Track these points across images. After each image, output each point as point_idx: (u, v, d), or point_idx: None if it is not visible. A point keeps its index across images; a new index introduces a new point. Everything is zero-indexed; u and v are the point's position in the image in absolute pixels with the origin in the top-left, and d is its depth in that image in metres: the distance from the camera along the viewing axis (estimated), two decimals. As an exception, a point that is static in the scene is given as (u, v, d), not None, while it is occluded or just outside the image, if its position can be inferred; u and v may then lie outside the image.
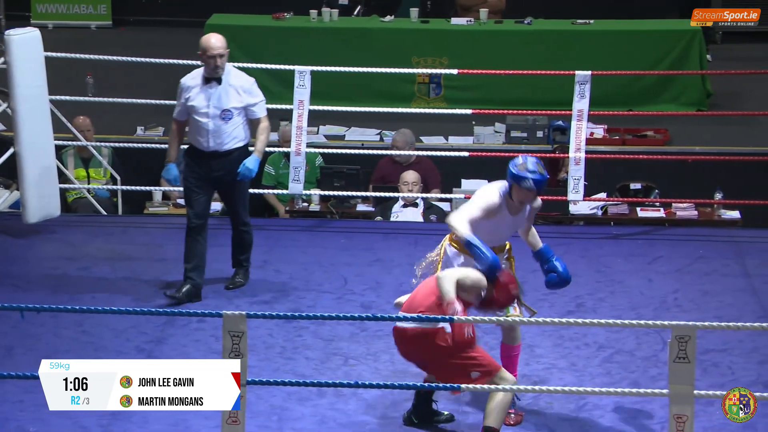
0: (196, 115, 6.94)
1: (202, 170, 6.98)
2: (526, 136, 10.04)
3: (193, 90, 6.97)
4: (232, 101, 6.94)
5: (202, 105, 6.93)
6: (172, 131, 7.12)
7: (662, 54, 10.76)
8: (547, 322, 5.50)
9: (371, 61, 9.85)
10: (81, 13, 13.32)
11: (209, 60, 6.90)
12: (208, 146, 6.94)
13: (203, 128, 6.93)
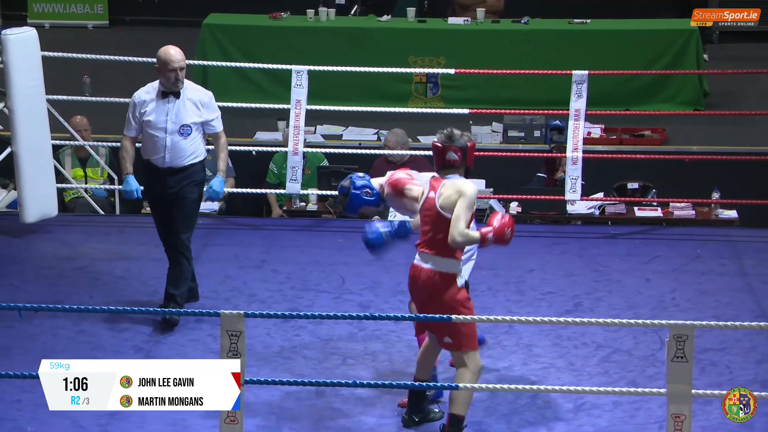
0: (153, 131, 6.66)
1: (156, 188, 6.72)
2: (523, 136, 10.04)
3: (148, 105, 6.68)
4: (191, 116, 6.67)
5: (159, 120, 6.65)
6: (123, 148, 6.75)
7: (659, 53, 10.76)
8: (545, 321, 5.50)
9: (368, 60, 9.85)
10: (78, 13, 13.31)
11: (169, 73, 6.61)
12: (164, 163, 6.66)
13: (159, 144, 6.66)
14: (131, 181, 6.76)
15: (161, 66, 6.64)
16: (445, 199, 5.54)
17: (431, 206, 5.57)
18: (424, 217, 5.61)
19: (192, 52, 10.74)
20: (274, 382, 5.44)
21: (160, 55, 6.66)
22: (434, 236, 5.55)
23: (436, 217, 5.55)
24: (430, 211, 5.57)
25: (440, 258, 5.56)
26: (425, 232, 5.59)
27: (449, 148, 5.64)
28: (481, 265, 7.68)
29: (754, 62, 11.61)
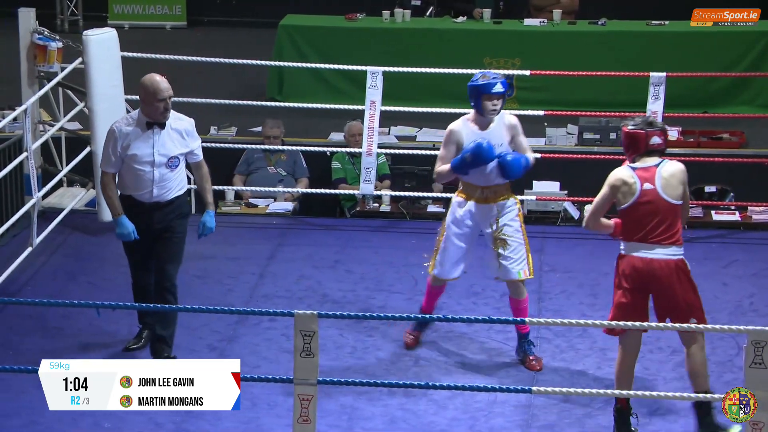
0: (138, 165, 6.21)
1: (141, 224, 6.26)
2: (598, 138, 9.96)
3: (131, 137, 6.21)
4: (178, 147, 6.26)
5: (146, 153, 6.21)
6: (106, 186, 6.27)
7: (739, 55, 10.61)
8: (619, 325, 5.44)
9: (443, 61, 9.83)
10: (156, 14, 13.47)
11: (158, 104, 6.17)
12: (151, 197, 6.24)
13: (146, 178, 6.22)
14: (126, 223, 6.24)
15: (149, 96, 6.19)
16: (668, 185, 5.63)
17: (654, 197, 5.62)
18: (647, 209, 5.62)
19: (268, 53, 10.82)
20: (346, 382, 5.46)
21: (148, 85, 6.20)
22: (669, 226, 5.61)
23: (665, 206, 5.62)
24: (656, 202, 5.62)
25: (678, 247, 5.65)
26: (654, 224, 5.61)
27: (653, 133, 5.69)
28: (555, 268, 7.66)
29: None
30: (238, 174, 9.44)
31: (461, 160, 6.17)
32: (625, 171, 5.71)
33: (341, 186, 9.24)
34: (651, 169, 5.65)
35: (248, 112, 10.05)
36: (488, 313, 6.93)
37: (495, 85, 6.18)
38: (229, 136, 10.09)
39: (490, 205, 6.29)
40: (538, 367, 6.33)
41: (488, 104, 6.19)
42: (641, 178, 5.65)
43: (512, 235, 6.26)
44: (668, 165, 5.69)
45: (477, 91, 6.22)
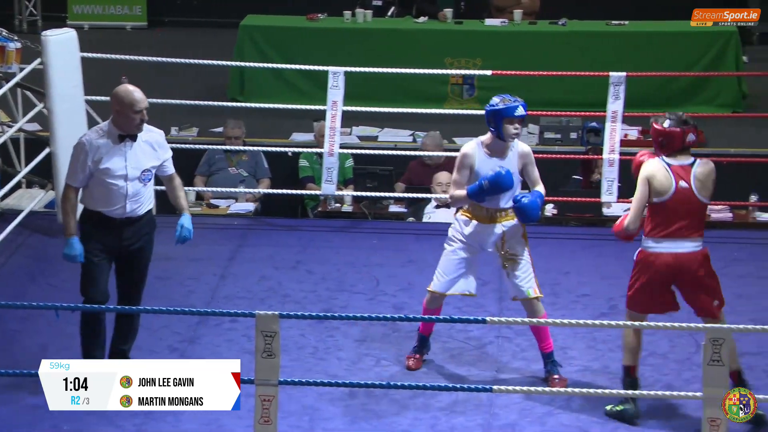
0: (111, 179, 5.94)
1: (109, 240, 6.00)
2: (559, 138, 10.01)
3: (103, 150, 5.93)
4: (150, 159, 6.03)
5: (119, 167, 5.94)
6: (68, 200, 5.97)
7: (698, 55, 10.69)
8: (580, 324, 5.49)
9: (405, 61, 9.85)
10: (116, 14, 13.40)
11: (135, 115, 5.93)
12: (123, 213, 5.98)
13: (119, 193, 5.95)
14: (76, 245, 5.94)
15: (124, 108, 5.93)
16: (703, 186, 5.75)
17: (689, 195, 5.72)
18: (679, 206, 5.72)
19: (230, 53, 10.79)
20: (308, 382, 5.45)
21: (123, 96, 5.94)
22: (695, 222, 5.74)
23: (697, 205, 5.75)
24: (690, 200, 5.72)
25: (701, 237, 5.79)
26: (681, 221, 5.72)
27: (689, 131, 5.75)
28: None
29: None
30: (199, 175, 9.41)
31: (479, 188, 6.03)
32: (658, 165, 5.77)
33: (308, 185, 9.22)
34: (687, 168, 5.75)
35: (209, 112, 10.02)
36: (450, 313, 6.94)
37: (517, 108, 6.06)
38: (189, 137, 10.06)
39: (495, 225, 6.17)
40: (560, 386, 6.16)
41: (510, 128, 6.06)
42: (676, 175, 5.74)
43: (520, 253, 6.17)
44: (701, 165, 5.79)
45: (498, 115, 6.06)
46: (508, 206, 6.16)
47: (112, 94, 6.00)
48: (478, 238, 6.20)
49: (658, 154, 5.82)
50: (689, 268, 5.78)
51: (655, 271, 5.79)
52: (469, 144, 6.20)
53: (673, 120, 5.76)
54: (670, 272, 5.79)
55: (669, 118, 5.79)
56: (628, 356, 5.90)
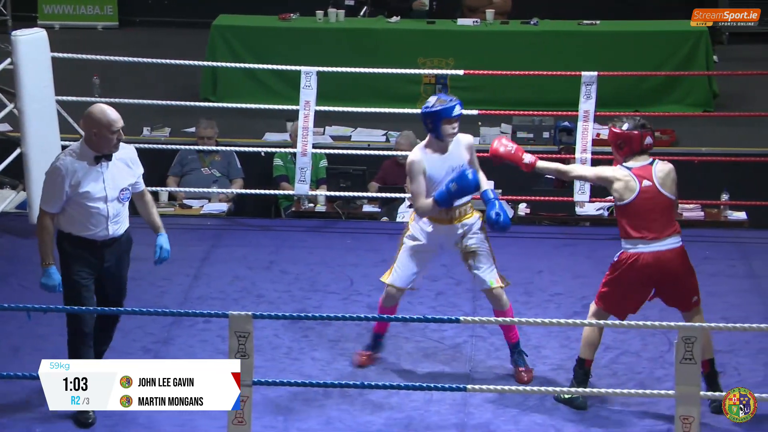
0: (91, 202, 5.76)
1: (91, 262, 5.85)
2: (532, 137, 10.04)
3: (80, 173, 5.74)
4: (127, 178, 5.87)
5: (98, 189, 5.77)
6: (44, 228, 5.76)
7: (668, 55, 10.75)
8: (553, 323, 5.50)
9: (377, 61, 9.85)
10: (87, 14, 13.34)
11: (112, 135, 5.73)
12: (106, 234, 5.83)
13: (100, 215, 5.79)
14: (54, 275, 5.79)
15: (102, 128, 5.73)
16: (664, 183, 5.82)
17: (654, 193, 5.80)
18: (646, 206, 5.80)
19: (201, 53, 10.76)
20: (282, 383, 5.45)
21: (100, 117, 5.74)
22: (667, 219, 5.83)
23: (663, 202, 5.82)
24: (655, 199, 5.80)
25: (678, 234, 5.86)
26: (654, 219, 5.80)
27: (647, 134, 5.86)
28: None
29: (764, 63, 11.58)
30: (171, 175, 9.38)
31: (447, 192, 6.06)
32: (620, 170, 5.88)
33: (282, 185, 9.22)
34: (647, 168, 5.85)
35: (182, 112, 10.00)
36: (423, 312, 6.95)
37: (454, 108, 6.10)
38: (162, 137, 10.02)
39: (455, 225, 6.22)
40: (526, 378, 6.25)
41: (448, 128, 6.12)
42: (639, 177, 5.83)
43: (479, 245, 6.22)
44: (660, 164, 5.90)
45: (436, 116, 6.10)
46: (463, 204, 6.20)
47: (85, 115, 5.80)
48: (438, 240, 6.24)
49: (616, 159, 5.93)
50: (670, 266, 5.83)
51: (637, 272, 5.84)
52: (413, 152, 6.21)
53: (632, 123, 5.86)
54: (652, 273, 5.83)
55: (627, 121, 5.89)
56: (587, 350, 5.99)
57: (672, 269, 5.84)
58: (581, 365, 6.00)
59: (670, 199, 5.87)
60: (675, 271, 5.85)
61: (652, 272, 5.83)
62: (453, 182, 6.05)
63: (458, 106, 6.13)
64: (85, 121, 5.79)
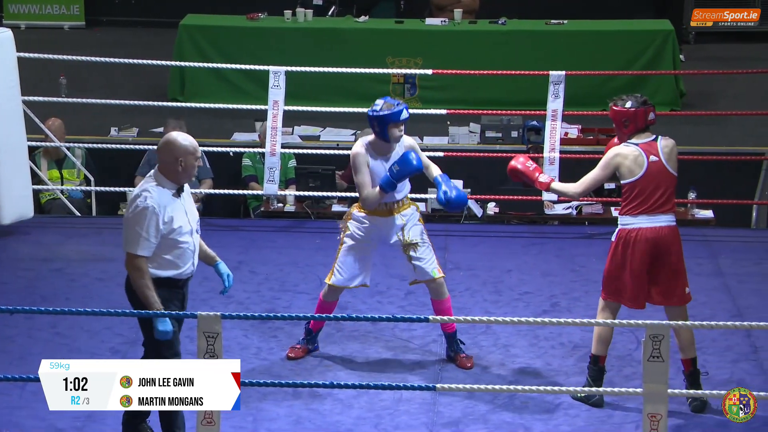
0: (181, 237, 5.38)
1: (176, 305, 5.47)
2: (500, 136, 10.06)
3: (169, 209, 5.34)
4: (194, 206, 5.56)
5: (184, 222, 5.39)
6: (144, 273, 5.30)
7: (636, 54, 10.80)
8: (522, 321, 5.51)
9: (346, 61, 9.85)
10: (54, 14, 13.26)
11: (196, 162, 5.36)
12: (192, 271, 5.48)
13: (189, 251, 5.43)
14: (170, 321, 5.34)
15: (188, 155, 5.32)
16: (670, 158, 5.90)
17: (661, 168, 5.86)
18: (653, 180, 5.85)
19: (169, 53, 10.72)
20: (251, 383, 5.42)
21: (185, 144, 5.33)
22: (669, 195, 5.88)
23: (668, 177, 5.88)
24: (661, 173, 5.86)
25: (673, 214, 5.93)
26: (657, 195, 5.86)
27: (650, 110, 5.94)
28: (459, 265, 7.72)
29: (730, 62, 11.66)
30: (139, 176, 9.33)
31: (390, 175, 6.12)
32: (628, 148, 5.93)
33: (251, 185, 9.20)
34: (652, 144, 5.94)
35: (149, 112, 9.96)
36: (393, 312, 6.96)
37: (401, 112, 6.16)
38: (130, 137, 9.98)
39: (393, 217, 6.29)
40: (469, 364, 6.36)
41: (395, 131, 6.19)
42: (646, 152, 5.90)
43: (419, 236, 6.30)
44: (664, 139, 5.98)
45: (384, 120, 6.16)
46: (402, 197, 6.28)
47: (165, 146, 5.34)
48: (379, 233, 6.31)
49: (620, 137, 5.98)
50: (667, 243, 5.89)
51: (636, 248, 5.88)
52: (357, 144, 6.29)
53: (634, 101, 5.95)
54: (651, 248, 5.89)
55: (629, 98, 5.98)
56: (599, 346, 6.03)
57: (668, 246, 5.90)
58: (595, 362, 6.03)
59: (674, 175, 5.95)
60: (671, 249, 5.91)
61: (650, 248, 5.89)
62: (395, 164, 6.14)
63: (405, 110, 6.20)
64: (167, 150, 5.34)
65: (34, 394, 5.97)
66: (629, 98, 5.97)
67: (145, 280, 5.29)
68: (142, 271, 5.29)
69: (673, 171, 5.94)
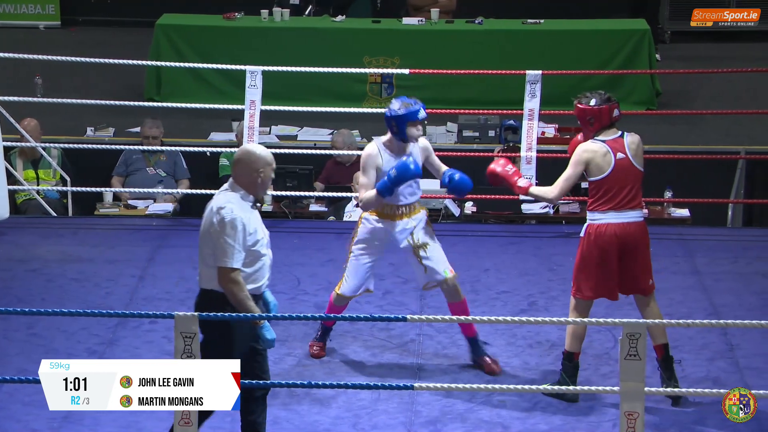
0: (262, 249, 5.26)
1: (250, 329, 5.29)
2: (477, 136, 10.08)
3: (250, 222, 5.21)
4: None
5: (263, 235, 5.29)
6: (240, 284, 5.17)
7: (612, 53, 10.84)
8: (499, 320, 5.52)
9: (323, 60, 9.84)
10: (29, 13, 13.19)
11: (273, 173, 5.30)
12: (266, 286, 5.38)
13: (267, 265, 5.32)
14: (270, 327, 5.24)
15: (267, 167, 5.23)
16: (636, 154, 5.95)
17: (627, 165, 5.91)
18: (620, 177, 5.89)
19: (145, 53, 10.69)
20: (229, 383, 5.41)
21: (264, 156, 5.22)
22: (637, 191, 5.93)
23: (635, 173, 5.91)
24: (628, 170, 5.91)
25: (642, 209, 5.99)
26: (625, 191, 5.90)
27: (614, 106, 6.02)
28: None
29: (706, 62, 11.71)
30: (116, 176, 9.31)
31: (387, 180, 6.10)
32: (595, 144, 5.98)
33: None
34: (618, 140, 6.00)
35: (126, 112, 9.92)
36: (371, 311, 6.96)
37: (419, 111, 6.17)
38: (106, 137, 9.94)
39: (405, 221, 6.28)
40: (497, 369, 6.29)
41: (414, 130, 6.19)
42: (613, 149, 5.95)
43: (429, 237, 6.29)
44: (630, 136, 6.05)
45: (402, 119, 6.15)
46: (413, 201, 6.27)
47: (243, 159, 5.22)
48: (389, 237, 6.29)
49: (586, 134, 6.00)
50: (635, 239, 5.93)
51: (604, 242, 5.93)
52: (370, 145, 6.28)
53: (599, 98, 6.02)
54: (618, 243, 5.93)
55: (593, 96, 6.05)
56: (573, 343, 6.06)
57: (635, 242, 5.94)
58: (570, 359, 6.06)
59: (641, 171, 6.00)
60: (638, 244, 5.95)
61: (618, 243, 5.93)
62: (393, 169, 6.12)
63: (422, 109, 6.20)
64: (248, 162, 5.21)
65: (10, 395, 5.95)
66: (593, 96, 6.04)
67: (245, 292, 5.14)
68: (241, 284, 5.14)
69: (640, 167, 5.99)
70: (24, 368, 6.18)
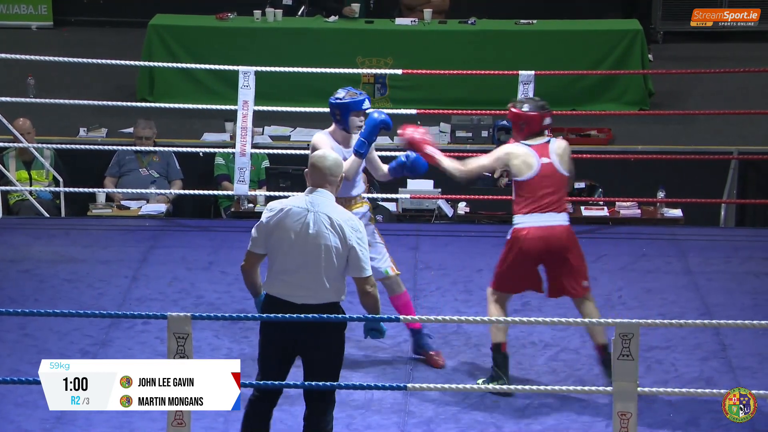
0: None
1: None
2: (470, 136, 10.08)
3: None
4: None
5: None
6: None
7: (604, 53, 10.85)
8: (492, 320, 5.53)
9: (316, 61, 9.84)
10: (21, 14, 13.17)
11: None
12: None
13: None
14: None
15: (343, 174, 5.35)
16: (562, 159, 6.09)
17: (552, 170, 6.06)
18: (544, 181, 6.02)
19: (138, 53, 10.68)
20: (222, 384, 5.41)
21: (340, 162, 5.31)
22: (561, 196, 6.08)
23: (559, 177, 6.07)
24: (553, 174, 6.06)
25: (566, 214, 6.11)
26: (548, 195, 6.02)
27: (546, 115, 6.13)
28: (430, 265, 7.73)
29: (698, 62, 11.73)
30: (109, 176, 9.31)
31: (360, 140, 6.20)
32: (519, 147, 6.12)
33: (223, 183, 9.18)
34: (545, 146, 6.12)
35: (118, 113, 9.91)
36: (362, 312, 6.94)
37: (364, 101, 6.28)
38: (99, 138, 9.93)
39: None
40: (440, 361, 6.38)
41: (356, 120, 6.27)
42: (539, 153, 6.08)
43: (371, 236, 6.27)
44: (557, 142, 6.16)
45: (346, 108, 6.26)
46: (357, 193, 6.32)
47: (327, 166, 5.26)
48: None
49: (515, 137, 6.18)
50: (558, 243, 6.04)
51: (526, 246, 6.04)
52: (317, 135, 6.36)
53: (532, 104, 6.15)
54: (540, 247, 6.04)
55: (528, 102, 6.19)
56: (498, 334, 6.15)
57: (560, 246, 6.05)
58: (497, 350, 6.15)
59: (566, 176, 6.12)
60: (563, 248, 6.06)
61: (541, 247, 6.04)
62: (407, 156, 6.23)
63: (367, 100, 6.30)
64: (329, 171, 5.25)
65: (3, 396, 5.95)
66: (528, 102, 6.18)
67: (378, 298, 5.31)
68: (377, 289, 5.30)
69: (565, 172, 6.11)
70: (16, 369, 6.17)
